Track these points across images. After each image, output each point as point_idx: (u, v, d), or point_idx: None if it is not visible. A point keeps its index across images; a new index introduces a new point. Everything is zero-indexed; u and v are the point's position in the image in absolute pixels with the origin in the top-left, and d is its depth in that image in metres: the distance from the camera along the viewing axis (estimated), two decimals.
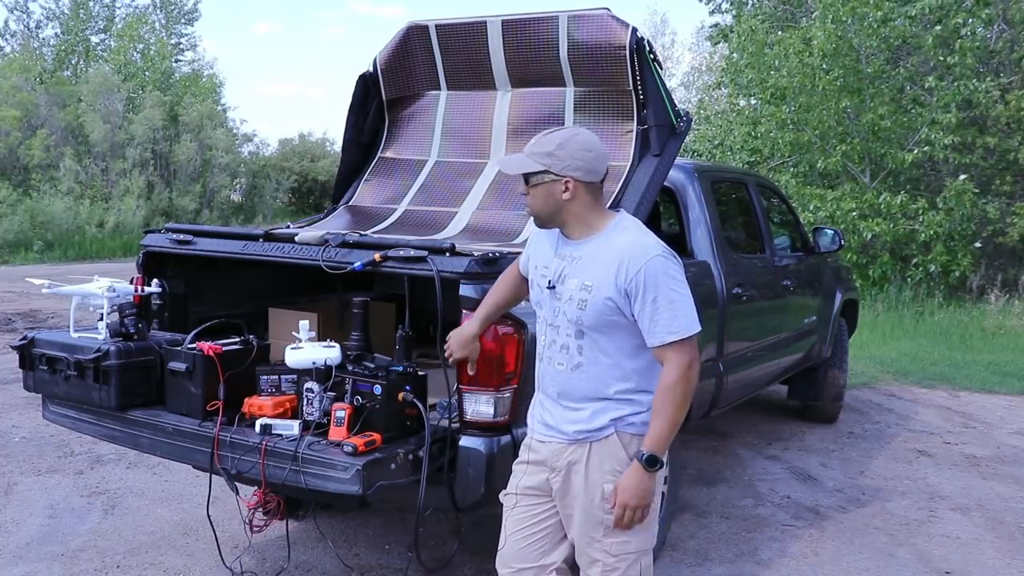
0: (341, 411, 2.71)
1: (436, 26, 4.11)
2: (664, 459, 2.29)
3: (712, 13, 19.91)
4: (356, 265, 2.99)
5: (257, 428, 2.80)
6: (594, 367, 2.32)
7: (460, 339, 2.70)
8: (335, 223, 4.18)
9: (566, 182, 2.29)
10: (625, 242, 2.30)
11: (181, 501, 4.43)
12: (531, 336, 2.73)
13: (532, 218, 2.41)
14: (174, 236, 3.52)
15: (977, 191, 11.80)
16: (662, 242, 2.34)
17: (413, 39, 4.21)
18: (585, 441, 2.34)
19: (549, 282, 2.36)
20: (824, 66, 12.20)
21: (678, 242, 4.17)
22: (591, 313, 2.28)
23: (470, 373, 2.78)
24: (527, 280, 2.60)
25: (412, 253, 2.92)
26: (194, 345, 2.96)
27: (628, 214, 2.43)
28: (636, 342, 2.31)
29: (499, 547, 2.50)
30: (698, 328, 2.28)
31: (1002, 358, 9.11)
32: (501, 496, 2.54)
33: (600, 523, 2.35)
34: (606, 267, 2.27)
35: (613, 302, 2.25)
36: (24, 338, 3.24)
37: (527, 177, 2.34)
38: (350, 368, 2.82)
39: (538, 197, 2.33)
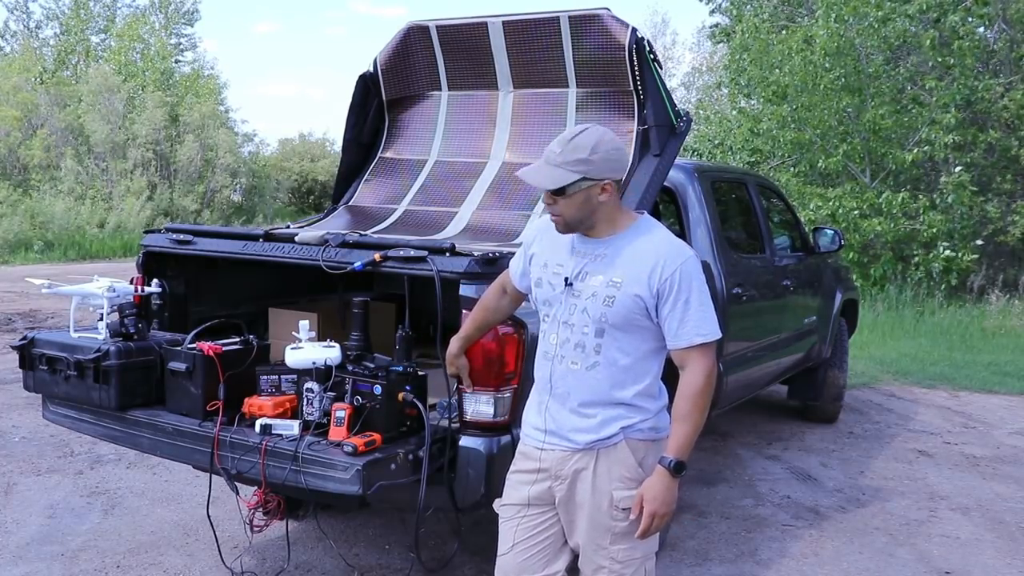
0: (341, 411, 2.71)
1: (437, 26, 4.11)
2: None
3: (712, 13, 19.96)
4: (356, 265, 2.98)
5: (257, 428, 2.80)
6: (610, 368, 2.28)
7: (447, 358, 2.73)
8: (335, 223, 4.18)
9: (604, 185, 2.24)
10: (659, 241, 2.28)
11: (181, 501, 4.43)
12: (531, 336, 2.73)
13: (556, 225, 2.29)
14: (174, 236, 3.51)
15: (976, 189, 11.80)
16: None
17: (414, 39, 4.21)
18: (592, 449, 2.31)
19: (566, 279, 2.30)
20: (826, 65, 12.20)
21: None
22: (618, 310, 2.23)
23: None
24: (516, 295, 2.59)
25: (412, 253, 2.91)
26: (194, 345, 2.96)
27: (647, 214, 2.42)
28: (653, 346, 2.30)
29: (499, 554, 2.46)
30: (720, 334, 2.28)
31: (1002, 358, 9.10)
32: (497, 506, 2.50)
33: (607, 530, 2.32)
34: (638, 265, 2.24)
35: (642, 300, 2.22)
36: (24, 338, 3.23)
37: (560, 188, 2.22)
38: (350, 368, 2.82)
39: (573, 205, 2.22)
